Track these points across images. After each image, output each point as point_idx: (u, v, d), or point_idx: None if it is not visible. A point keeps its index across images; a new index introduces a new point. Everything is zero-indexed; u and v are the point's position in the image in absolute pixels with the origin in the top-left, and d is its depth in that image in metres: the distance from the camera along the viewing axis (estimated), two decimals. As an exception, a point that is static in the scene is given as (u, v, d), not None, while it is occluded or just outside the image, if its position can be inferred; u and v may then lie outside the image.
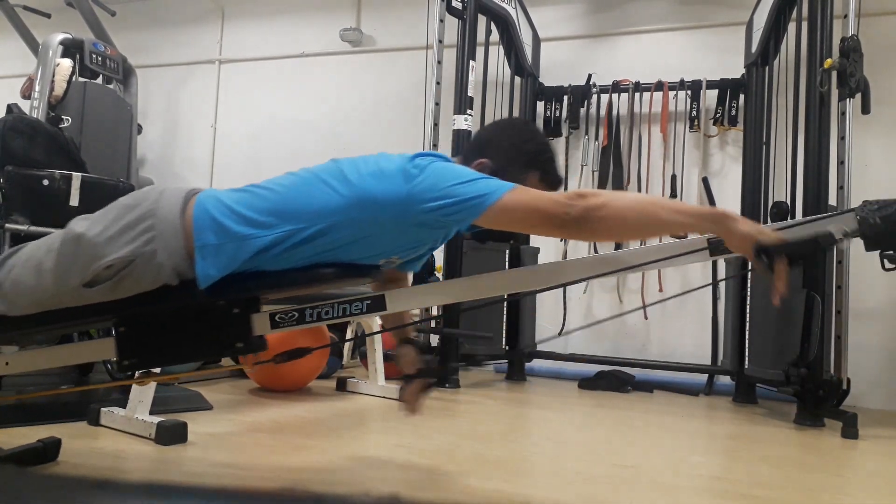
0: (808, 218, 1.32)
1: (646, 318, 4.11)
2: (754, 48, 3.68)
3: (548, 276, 1.38)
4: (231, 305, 1.35)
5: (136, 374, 1.61)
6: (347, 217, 1.31)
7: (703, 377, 3.78)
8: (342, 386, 3.18)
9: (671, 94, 4.15)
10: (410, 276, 1.75)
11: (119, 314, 1.36)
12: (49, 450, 1.69)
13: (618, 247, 3.69)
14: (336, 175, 1.34)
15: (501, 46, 4.17)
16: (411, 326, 1.81)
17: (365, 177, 1.32)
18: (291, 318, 1.36)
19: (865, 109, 2.93)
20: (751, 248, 1.17)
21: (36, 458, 1.66)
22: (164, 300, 1.34)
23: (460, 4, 3.59)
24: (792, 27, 3.32)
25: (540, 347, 4.06)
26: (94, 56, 4.13)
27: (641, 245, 1.37)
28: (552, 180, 1.47)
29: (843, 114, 2.91)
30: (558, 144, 4.32)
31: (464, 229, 1.34)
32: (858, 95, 2.88)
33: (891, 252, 1.25)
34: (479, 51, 3.81)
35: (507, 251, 3.91)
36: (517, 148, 1.44)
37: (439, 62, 3.65)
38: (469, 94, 3.59)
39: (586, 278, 1.38)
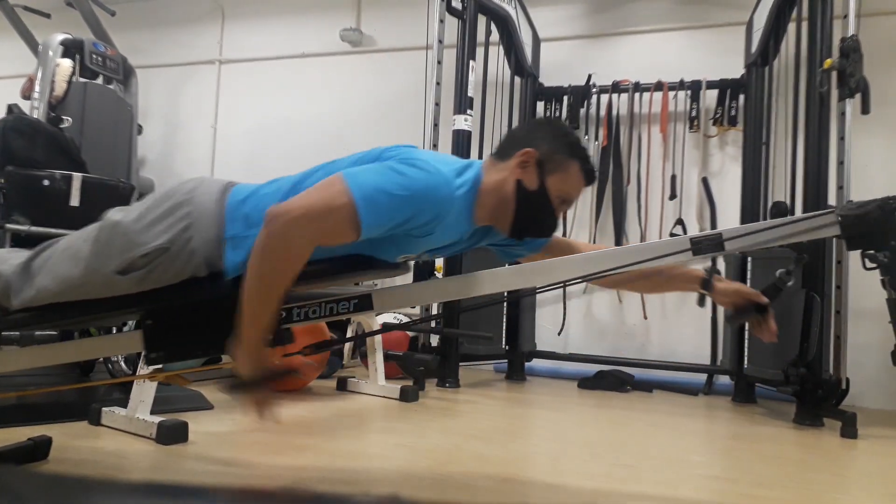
0: (779, 220, 1.33)
1: (645, 317, 4.11)
2: (754, 48, 3.69)
3: (538, 276, 1.39)
4: None
5: (149, 370, 1.61)
6: None
7: (703, 377, 3.78)
8: (342, 386, 3.18)
9: (671, 94, 4.15)
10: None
11: (146, 307, 1.36)
12: (39, 448, 1.68)
13: (618, 243, 3.69)
14: None
15: (501, 47, 4.17)
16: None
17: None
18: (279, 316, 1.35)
19: (865, 110, 2.93)
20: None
21: (26, 456, 1.65)
22: (191, 293, 1.34)
23: (460, 5, 3.60)
24: (792, 27, 3.32)
25: (540, 348, 4.06)
26: (94, 56, 4.13)
27: (639, 244, 1.39)
28: (591, 171, 1.48)
29: (843, 114, 2.91)
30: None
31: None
32: (858, 95, 2.88)
33: (871, 251, 1.24)
34: (479, 51, 3.82)
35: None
36: (559, 138, 1.45)
37: (439, 62, 3.65)
38: (469, 94, 3.59)
39: (577, 279, 1.39)
